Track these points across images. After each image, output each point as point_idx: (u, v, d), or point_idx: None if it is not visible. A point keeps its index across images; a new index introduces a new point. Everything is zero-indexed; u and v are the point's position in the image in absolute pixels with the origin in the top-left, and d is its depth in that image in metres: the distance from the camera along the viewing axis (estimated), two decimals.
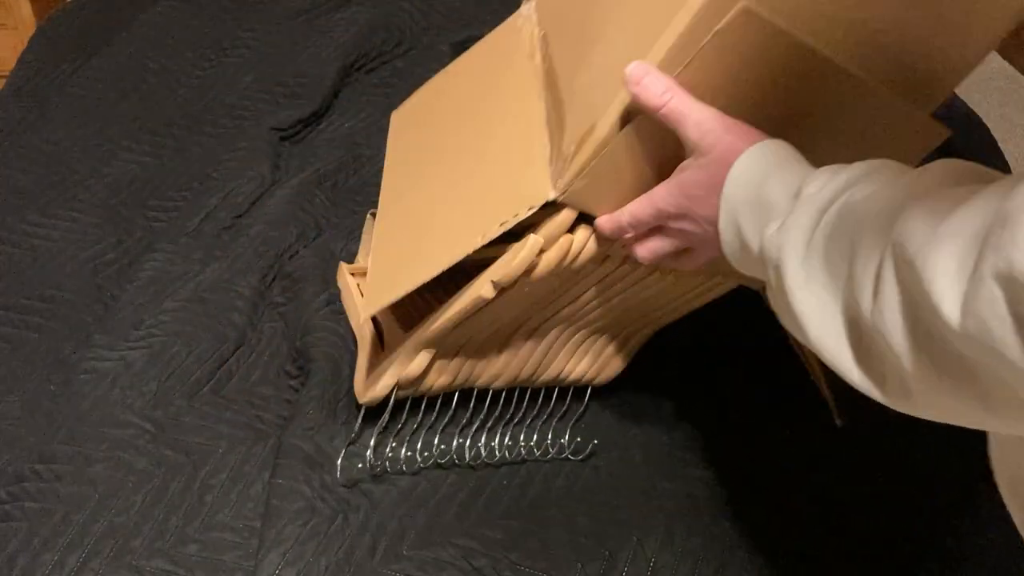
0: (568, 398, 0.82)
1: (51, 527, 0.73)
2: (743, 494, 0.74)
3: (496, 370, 0.79)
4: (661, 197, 0.59)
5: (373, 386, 0.77)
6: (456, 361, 0.77)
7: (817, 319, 0.47)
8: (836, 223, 0.47)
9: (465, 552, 0.70)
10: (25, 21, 1.87)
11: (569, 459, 0.78)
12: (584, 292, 0.75)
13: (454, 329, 0.73)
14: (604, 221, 0.64)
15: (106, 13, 1.47)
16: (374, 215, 0.94)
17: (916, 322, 0.40)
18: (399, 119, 0.96)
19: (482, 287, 0.68)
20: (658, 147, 0.61)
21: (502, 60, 0.83)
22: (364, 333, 0.86)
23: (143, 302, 0.95)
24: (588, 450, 0.79)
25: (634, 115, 0.60)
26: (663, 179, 0.60)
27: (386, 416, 0.77)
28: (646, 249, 0.63)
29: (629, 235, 0.63)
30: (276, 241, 1.01)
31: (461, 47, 1.34)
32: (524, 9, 0.85)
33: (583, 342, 0.82)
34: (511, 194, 0.67)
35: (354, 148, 1.18)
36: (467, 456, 0.77)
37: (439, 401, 0.79)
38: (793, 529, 0.72)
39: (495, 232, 0.65)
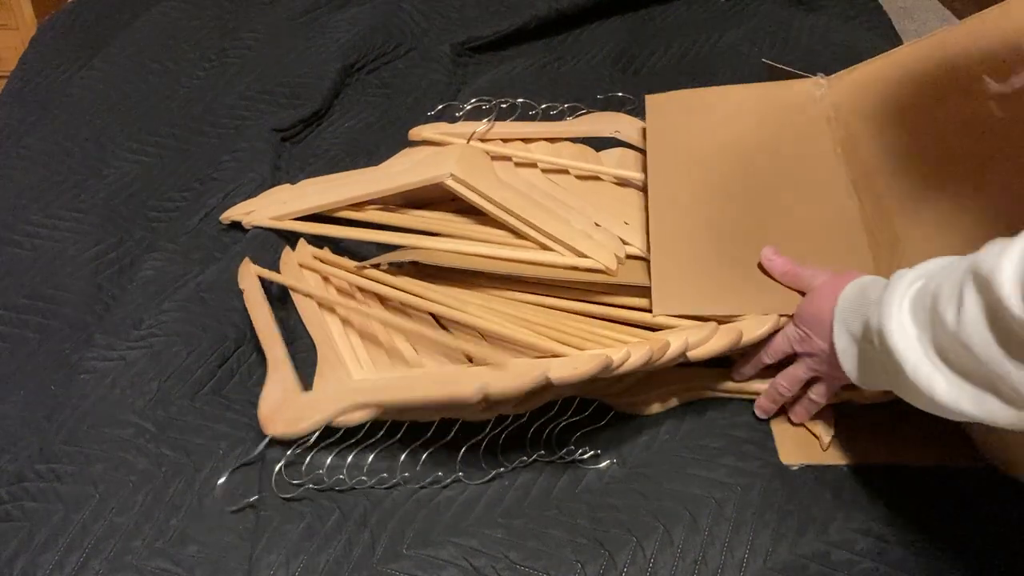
0: (590, 411, 0.80)
1: (51, 527, 0.73)
2: (744, 496, 0.74)
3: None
4: (788, 329, 0.76)
5: (293, 425, 0.76)
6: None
7: (913, 358, 0.59)
8: (920, 288, 0.61)
9: (465, 551, 0.70)
10: (26, 21, 1.87)
11: (573, 461, 0.78)
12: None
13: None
14: (747, 369, 0.80)
15: (107, 13, 1.48)
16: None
17: (995, 323, 0.53)
18: (657, 105, 0.97)
19: (468, 388, 0.69)
20: None
21: (796, 127, 0.91)
22: (277, 355, 0.84)
23: (143, 302, 0.95)
24: (592, 452, 0.79)
25: None
26: None
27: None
28: (785, 378, 0.77)
29: (769, 364, 0.78)
30: (275, 242, 1.01)
31: (461, 48, 1.34)
32: (820, 83, 0.92)
33: (639, 382, 0.82)
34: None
35: (354, 148, 1.18)
36: (411, 478, 0.77)
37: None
38: (793, 531, 0.72)
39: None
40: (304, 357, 0.85)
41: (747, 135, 0.91)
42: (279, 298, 0.94)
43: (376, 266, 0.91)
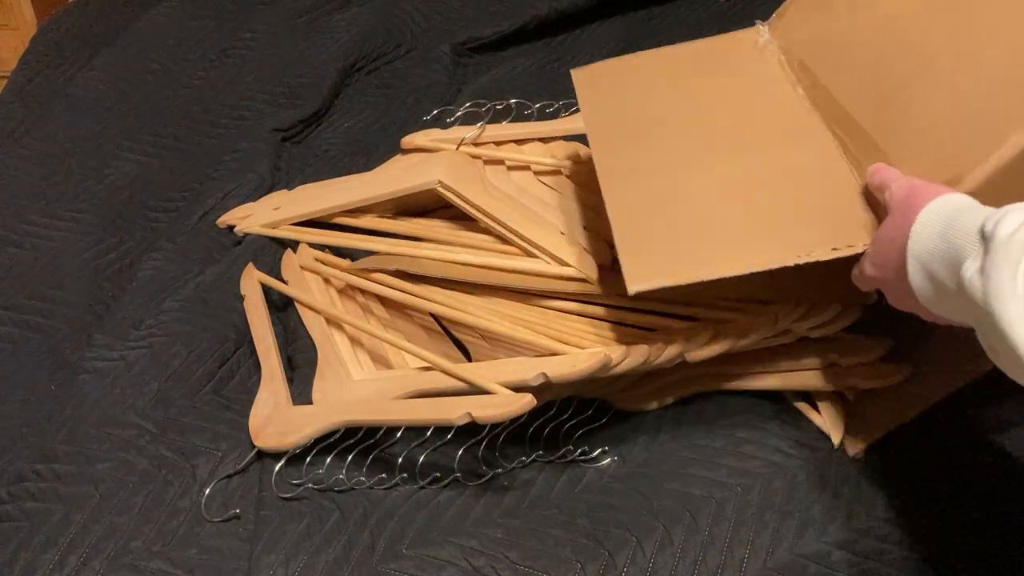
0: (591, 411, 0.81)
1: (52, 527, 0.73)
2: (744, 496, 0.74)
3: None
4: (868, 256, 0.65)
5: (282, 439, 0.77)
6: None
7: None
8: None
9: (465, 551, 0.70)
10: (26, 21, 1.87)
11: (573, 461, 0.78)
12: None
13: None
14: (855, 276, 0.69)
15: (107, 14, 1.48)
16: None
17: None
18: (586, 79, 0.90)
19: (454, 414, 0.70)
20: None
21: (746, 75, 0.83)
22: (271, 366, 0.84)
23: (143, 302, 0.95)
24: (595, 453, 0.79)
25: (1008, 175, 0.59)
26: None
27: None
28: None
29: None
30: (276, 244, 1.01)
31: (461, 48, 1.34)
32: (761, 31, 0.85)
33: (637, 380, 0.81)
34: (828, 222, 0.68)
35: (354, 148, 1.18)
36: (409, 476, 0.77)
37: None
38: (793, 531, 0.72)
39: (822, 255, 0.66)
40: (305, 356, 0.85)
41: (695, 93, 0.84)
42: (280, 298, 0.94)
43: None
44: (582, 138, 1.05)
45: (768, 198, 0.72)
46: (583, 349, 0.74)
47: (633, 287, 0.68)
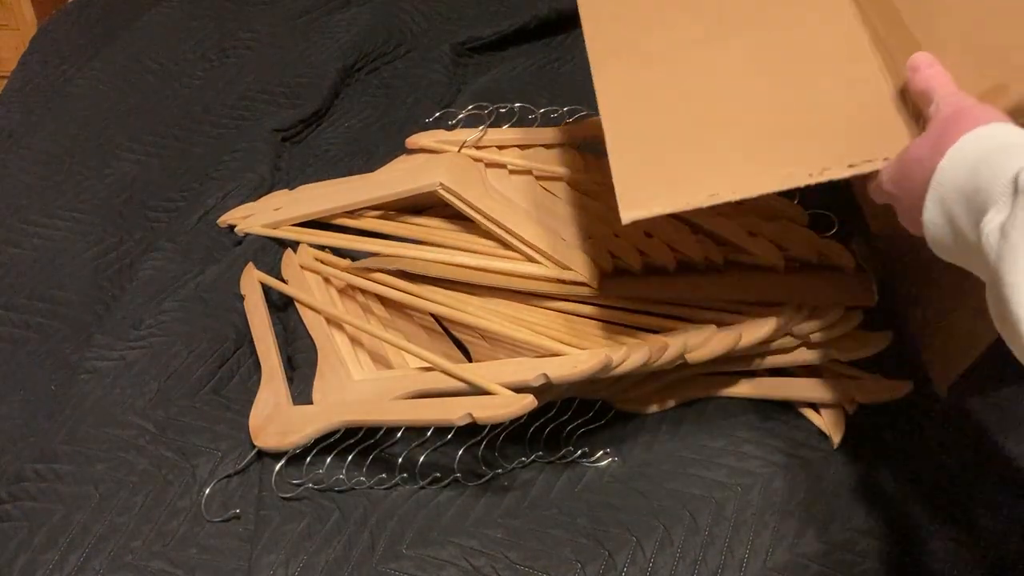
0: (592, 412, 0.81)
1: (52, 527, 0.73)
2: (744, 496, 0.74)
3: None
4: (889, 169, 0.56)
5: (282, 438, 0.77)
6: None
7: None
8: None
9: (465, 551, 0.70)
10: (26, 21, 1.87)
11: (573, 461, 0.78)
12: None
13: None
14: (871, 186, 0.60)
15: (107, 14, 1.48)
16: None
17: None
18: None
19: (454, 414, 0.69)
20: None
21: None
22: (272, 366, 0.84)
23: (143, 302, 0.95)
24: (596, 455, 0.79)
25: None
26: None
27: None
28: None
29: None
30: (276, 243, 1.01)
31: (461, 48, 1.34)
32: None
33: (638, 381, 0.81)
34: (852, 131, 0.58)
35: (354, 148, 1.18)
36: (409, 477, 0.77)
37: None
38: (793, 531, 0.72)
39: (837, 172, 0.57)
40: (305, 356, 0.85)
41: None
42: (280, 298, 0.94)
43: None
44: (587, 145, 1.05)
45: (780, 94, 0.63)
46: (584, 350, 0.74)
47: (627, 215, 0.61)
